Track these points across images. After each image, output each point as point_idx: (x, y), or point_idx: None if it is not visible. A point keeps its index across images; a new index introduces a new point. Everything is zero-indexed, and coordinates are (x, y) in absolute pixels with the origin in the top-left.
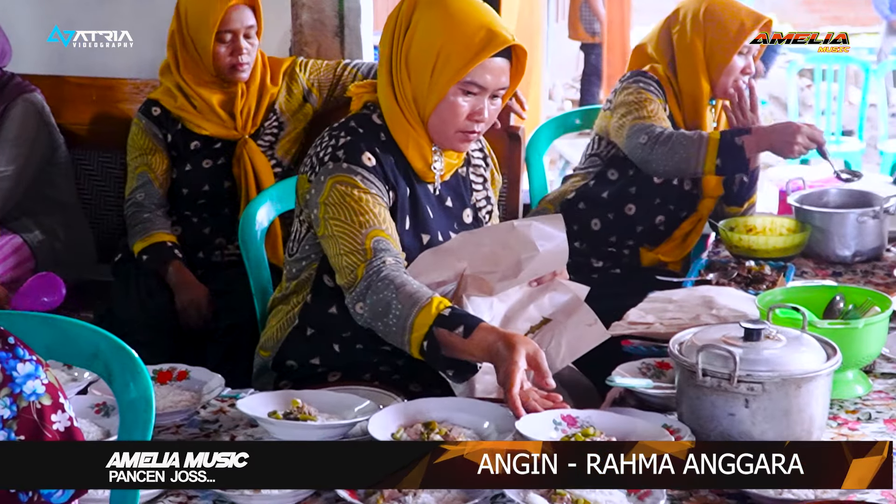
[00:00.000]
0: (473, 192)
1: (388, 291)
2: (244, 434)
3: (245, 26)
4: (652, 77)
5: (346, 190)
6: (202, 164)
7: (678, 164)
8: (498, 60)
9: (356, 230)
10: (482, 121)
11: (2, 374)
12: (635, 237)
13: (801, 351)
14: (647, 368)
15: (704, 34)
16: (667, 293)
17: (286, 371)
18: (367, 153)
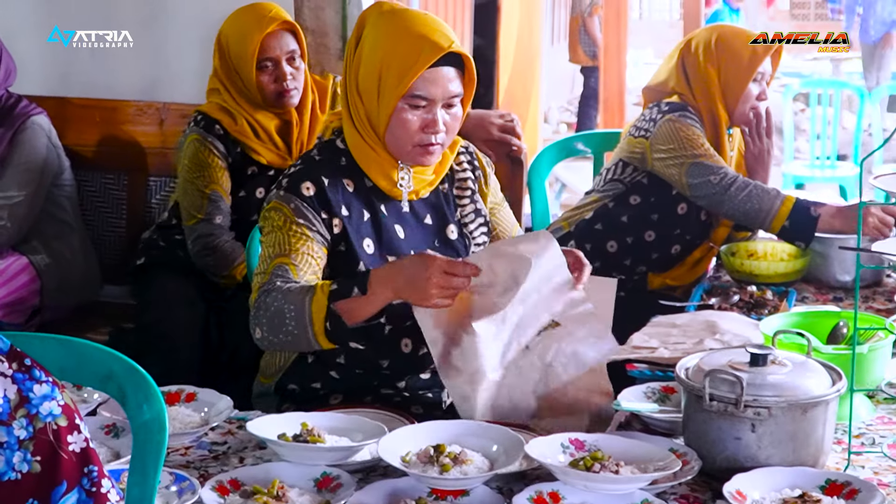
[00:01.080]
0: (458, 207)
1: (276, 302)
2: (253, 456)
3: (286, 52)
4: (690, 107)
5: (275, 216)
6: (255, 192)
7: (748, 212)
8: (443, 69)
9: (267, 254)
10: (437, 131)
11: (18, 395)
12: (649, 263)
13: (806, 376)
14: (652, 393)
15: (718, 63)
16: (670, 318)
17: (288, 394)
18: (308, 182)
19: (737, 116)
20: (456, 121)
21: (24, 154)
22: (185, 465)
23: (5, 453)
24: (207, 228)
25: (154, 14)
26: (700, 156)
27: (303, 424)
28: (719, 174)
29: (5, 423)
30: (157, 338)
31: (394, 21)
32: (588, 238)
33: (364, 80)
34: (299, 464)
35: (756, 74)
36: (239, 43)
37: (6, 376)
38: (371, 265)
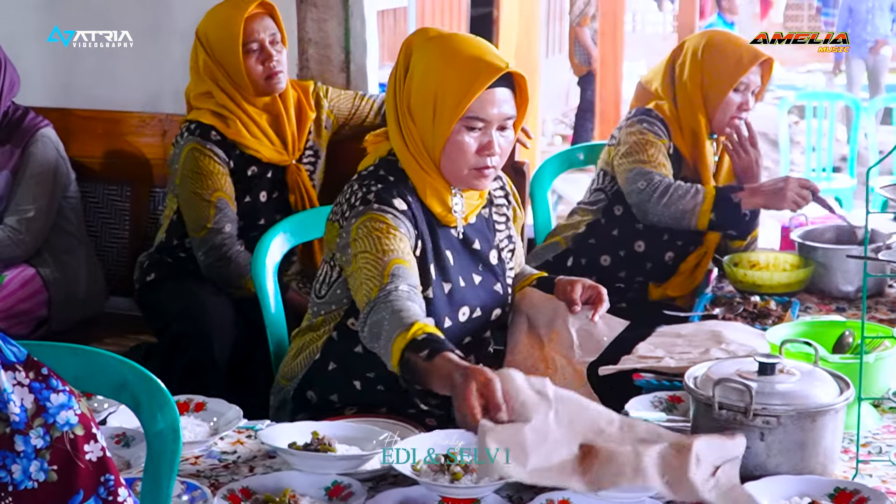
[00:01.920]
0: (496, 232)
1: (384, 312)
2: (263, 465)
3: (269, 34)
4: (657, 116)
5: (373, 225)
6: (259, 196)
7: (674, 215)
8: (497, 91)
9: (379, 258)
10: (493, 154)
11: (35, 404)
12: (644, 273)
13: (815, 385)
14: (659, 402)
15: (702, 70)
16: (675, 328)
17: (304, 403)
18: (400, 199)
19: (716, 125)
20: (509, 144)
21: (36, 167)
22: (195, 474)
23: (22, 462)
24: (219, 238)
25: (157, 25)
26: (641, 162)
27: (314, 433)
28: (647, 180)
29: (22, 433)
30: (196, 342)
31: (446, 45)
32: (583, 253)
33: (417, 104)
34: (310, 472)
35: (738, 84)
36: (221, 31)
37: (23, 385)
38: (434, 291)
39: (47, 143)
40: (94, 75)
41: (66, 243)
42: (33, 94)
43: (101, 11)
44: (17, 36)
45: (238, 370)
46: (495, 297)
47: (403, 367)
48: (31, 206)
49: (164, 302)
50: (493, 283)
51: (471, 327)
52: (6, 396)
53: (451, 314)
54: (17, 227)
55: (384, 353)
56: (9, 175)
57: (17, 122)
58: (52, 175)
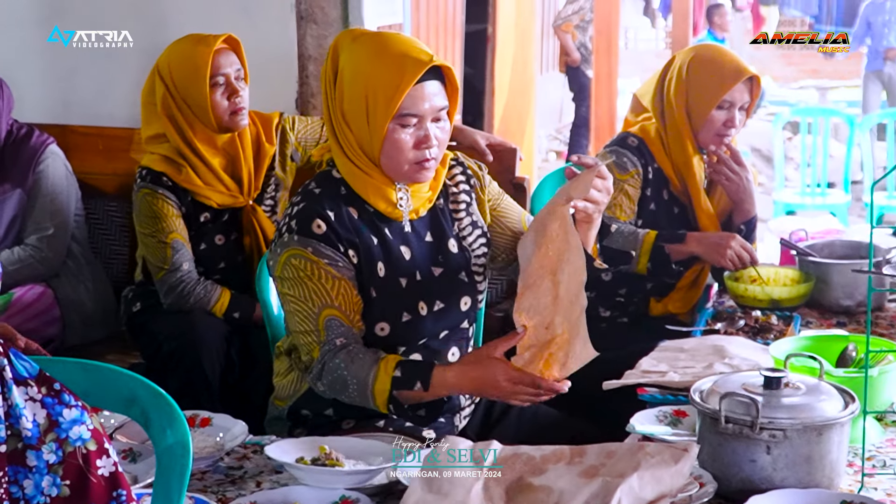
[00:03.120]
0: (455, 220)
1: (339, 370)
2: (270, 480)
3: (234, 69)
4: (632, 144)
5: (298, 264)
6: (215, 240)
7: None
8: (427, 84)
9: (309, 309)
10: (431, 146)
11: (48, 419)
12: (644, 291)
13: (820, 398)
14: (664, 416)
15: (687, 86)
16: (677, 342)
17: (300, 419)
18: (318, 220)
19: (701, 141)
20: (445, 133)
21: (49, 185)
22: (202, 489)
23: (34, 477)
24: (176, 277)
25: (157, 42)
26: None
27: (321, 448)
28: None
29: (35, 448)
30: (186, 360)
31: (370, 44)
32: None
33: (350, 107)
34: (318, 487)
35: (722, 102)
36: (187, 65)
37: (35, 401)
38: (383, 289)
39: (57, 159)
40: (94, 92)
41: (74, 262)
42: (32, 112)
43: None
44: (16, 53)
45: (234, 387)
46: (461, 287)
47: (394, 404)
48: (50, 223)
49: (152, 326)
50: (457, 272)
51: (437, 319)
52: (18, 412)
53: (409, 309)
54: (38, 246)
55: (359, 399)
56: (23, 194)
57: (22, 140)
58: (64, 191)
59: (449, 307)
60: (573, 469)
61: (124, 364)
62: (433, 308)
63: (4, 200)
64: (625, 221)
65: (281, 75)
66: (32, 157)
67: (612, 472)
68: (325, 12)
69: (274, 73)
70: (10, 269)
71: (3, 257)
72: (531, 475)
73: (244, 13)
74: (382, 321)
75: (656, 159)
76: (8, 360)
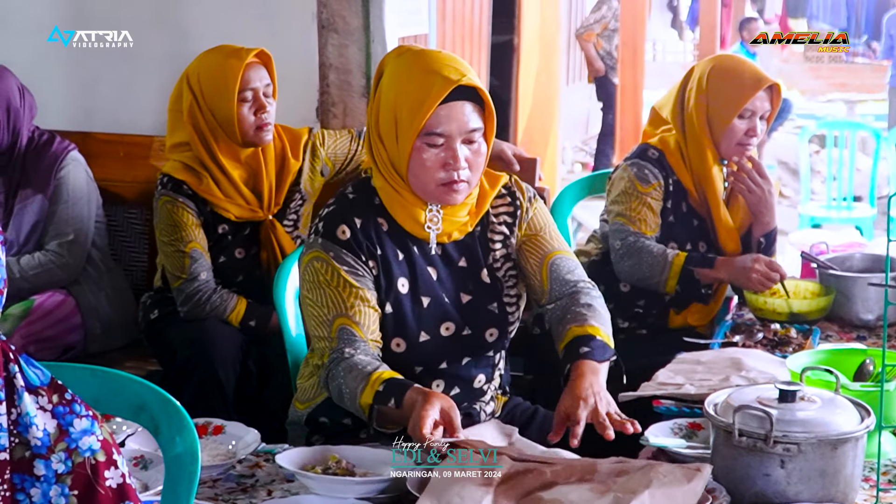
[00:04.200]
0: (491, 251)
1: (340, 378)
2: (281, 489)
3: (263, 84)
4: (652, 156)
5: (319, 267)
6: (235, 254)
7: (642, 279)
8: (457, 104)
9: (324, 315)
10: (458, 168)
11: (58, 429)
12: (663, 302)
13: (836, 412)
14: (679, 429)
15: (708, 96)
16: (695, 355)
17: (318, 426)
18: (343, 226)
19: (723, 151)
20: (479, 156)
21: (70, 191)
22: (213, 497)
23: (42, 486)
24: (194, 287)
25: (178, 50)
26: (621, 215)
27: (332, 457)
28: (622, 240)
29: (44, 457)
30: (200, 367)
31: (407, 61)
32: (600, 279)
33: (383, 123)
34: (329, 496)
35: (744, 111)
36: (216, 76)
37: (46, 410)
38: (404, 305)
39: (78, 166)
40: (116, 99)
41: (95, 268)
42: (54, 118)
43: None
44: (38, 60)
45: (251, 397)
46: (490, 317)
47: (378, 418)
48: (70, 229)
49: (168, 334)
50: (488, 302)
51: (460, 343)
52: (29, 420)
53: (429, 328)
54: (59, 252)
55: (353, 410)
56: (44, 200)
57: (44, 146)
58: (85, 198)
59: (474, 335)
60: (584, 485)
61: (142, 371)
62: (459, 333)
63: (25, 206)
64: (650, 236)
65: (302, 84)
66: (53, 164)
67: (623, 488)
68: (347, 21)
69: (295, 82)
70: (30, 273)
71: (24, 262)
72: (541, 489)
73: (266, 22)
74: (398, 337)
75: (675, 171)
76: (19, 368)
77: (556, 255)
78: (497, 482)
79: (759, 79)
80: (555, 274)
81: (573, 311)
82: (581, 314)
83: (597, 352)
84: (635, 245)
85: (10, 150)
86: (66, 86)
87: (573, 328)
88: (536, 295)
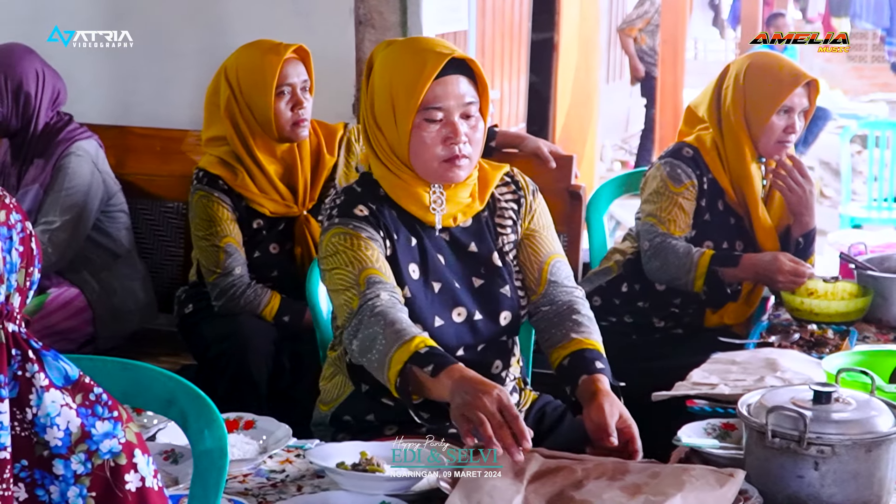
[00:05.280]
0: (500, 235)
1: (377, 326)
2: (311, 485)
3: (301, 80)
4: (686, 157)
5: (338, 240)
6: (270, 249)
7: (671, 280)
8: (451, 77)
9: (350, 270)
10: (459, 142)
11: (81, 429)
12: (699, 300)
13: (870, 414)
14: (713, 429)
15: (745, 93)
16: (729, 355)
17: (343, 425)
18: (360, 206)
19: (761, 149)
20: (477, 132)
21: (66, 180)
22: (243, 492)
23: (60, 486)
24: (228, 281)
25: (216, 45)
26: (652, 216)
27: (362, 453)
28: (650, 240)
29: (63, 457)
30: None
31: (396, 47)
32: (637, 278)
33: (378, 109)
34: (358, 493)
35: (782, 107)
36: (255, 71)
37: (70, 408)
38: (415, 291)
39: (83, 155)
40: (153, 94)
41: (103, 259)
42: (92, 112)
43: (160, 32)
44: (78, 55)
45: (284, 392)
46: (502, 301)
47: (401, 378)
48: (58, 218)
49: (202, 328)
50: (500, 286)
51: (473, 329)
52: (49, 421)
53: (442, 314)
54: (40, 238)
55: (377, 365)
56: (39, 189)
57: (54, 134)
58: (84, 189)
59: (487, 319)
60: (615, 483)
61: (177, 365)
62: (471, 318)
63: (26, 193)
64: (679, 237)
65: (338, 80)
66: (55, 153)
67: (655, 490)
68: (384, 17)
69: (331, 77)
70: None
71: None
72: (572, 489)
73: (303, 17)
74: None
75: (711, 170)
76: (41, 367)
77: (557, 257)
78: (528, 480)
79: (797, 75)
80: (554, 277)
81: (574, 319)
82: (584, 325)
83: (608, 371)
84: (662, 245)
85: (22, 135)
86: (104, 80)
87: (579, 339)
88: (527, 290)
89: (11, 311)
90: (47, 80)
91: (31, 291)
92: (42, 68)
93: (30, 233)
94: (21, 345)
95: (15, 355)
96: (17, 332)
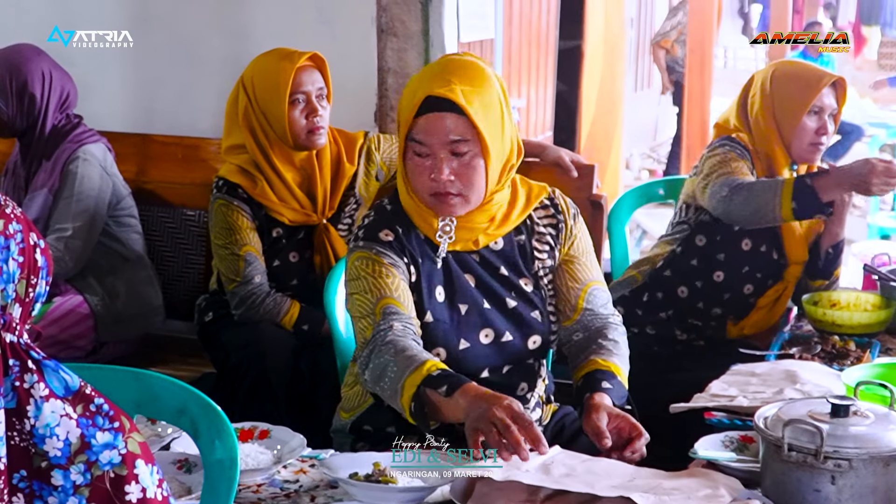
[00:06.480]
0: (536, 260)
1: (388, 355)
2: (325, 495)
3: (316, 88)
4: (738, 141)
5: (360, 264)
6: (289, 258)
7: (756, 210)
8: (434, 115)
9: (368, 300)
10: (441, 180)
11: (80, 440)
12: (723, 305)
13: (889, 428)
14: (730, 442)
15: (773, 98)
16: (749, 366)
17: (362, 434)
18: (386, 230)
19: (794, 153)
20: (469, 169)
21: (75, 185)
22: (256, 502)
23: (59, 496)
24: (248, 290)
25: (238, 53)
26: (725, 174)
27: (375, 464)
28: (728, 185)
29: (62, 467)
30: (253, 370)
31: (421, 72)
32: (659, 286)
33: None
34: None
35: (812, 108)
36: (270, 80)
37: (71, 418)
38: (441, 313)
39: (90, 160)
40: (175, 101)
41: (110, 263)
42: (115, 120)
43: (185, 41)
44: (100, 62)
45: (303, 400)
46: (532, 325)
47: (416, 402)
48: (70, 224)
49: (222, 336)
50: (530, 310)
51: (501, 350)
52: (49, 431)
53: (468, 336)
54: (55, 246)
55: (390, 392)
56: (48, 194)
57: (62, 136)
58: (93, 194)
59: (515, 342)
60: None
61: (197, 373)
62: (499, 338)
63: (33, 199)
64: None
65: (361, 88)
66: (62, 157)
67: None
68: (406, 26)
69: (354, 85)
70: None
71: None
72: None
73: (325, 25)
74: (437, 346)
75: (755, 167)
76: (41, 377)
77: (595, 284)
78: (542, 497)
79: (822, 75)
80: (591, 305)
81: (599, 342)
82: (607, 349)
83: (616, 391)
84: (744, 182)
85: (29, 136)
86: (128, 87)
87: (596, 360)
88: (561, 314)
89: (10, 322)
90: (55, 82)
91: (38, 303)
92: (49, 69)
93: (33, 243)
94: (20, 355)
95: (13, 366)
96: (15, 342)
